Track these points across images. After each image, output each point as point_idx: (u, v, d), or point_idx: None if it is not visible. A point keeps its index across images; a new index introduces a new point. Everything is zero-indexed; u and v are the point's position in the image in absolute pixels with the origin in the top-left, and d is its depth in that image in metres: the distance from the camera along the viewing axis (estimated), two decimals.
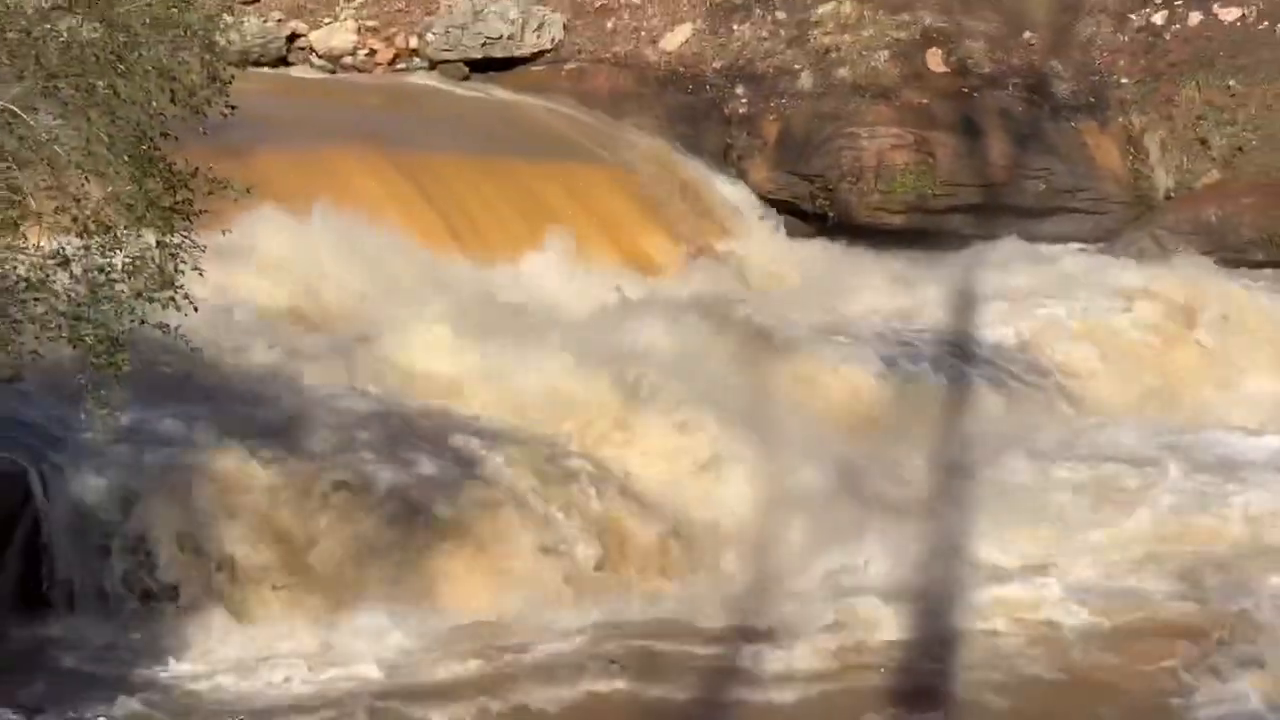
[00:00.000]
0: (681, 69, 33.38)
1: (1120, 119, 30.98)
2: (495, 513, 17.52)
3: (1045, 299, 26.08)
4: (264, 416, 18.01)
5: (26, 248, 11.65)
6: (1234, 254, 28.01)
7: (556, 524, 17.75)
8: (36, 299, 11.68)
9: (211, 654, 15.38)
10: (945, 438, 21.76)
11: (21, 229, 11.54)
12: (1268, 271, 27.28)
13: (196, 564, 16.22)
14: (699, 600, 17.11)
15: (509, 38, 34.51)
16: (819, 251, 29.27)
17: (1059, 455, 21.57)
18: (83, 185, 12.25)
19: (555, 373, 20.73)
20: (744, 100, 32.02)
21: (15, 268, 11.53)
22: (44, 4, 12.46)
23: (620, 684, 15.30)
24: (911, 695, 15.22)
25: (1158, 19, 32.35)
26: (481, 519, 17.41)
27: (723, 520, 18.82)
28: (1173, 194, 30.10)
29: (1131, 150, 30.73)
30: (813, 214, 30.18)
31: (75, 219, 12.01)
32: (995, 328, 24.95)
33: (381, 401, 19.21)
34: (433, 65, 34.97)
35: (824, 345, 23.81)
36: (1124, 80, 31.51)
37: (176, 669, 15.20)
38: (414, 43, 35.56)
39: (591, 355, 21.39)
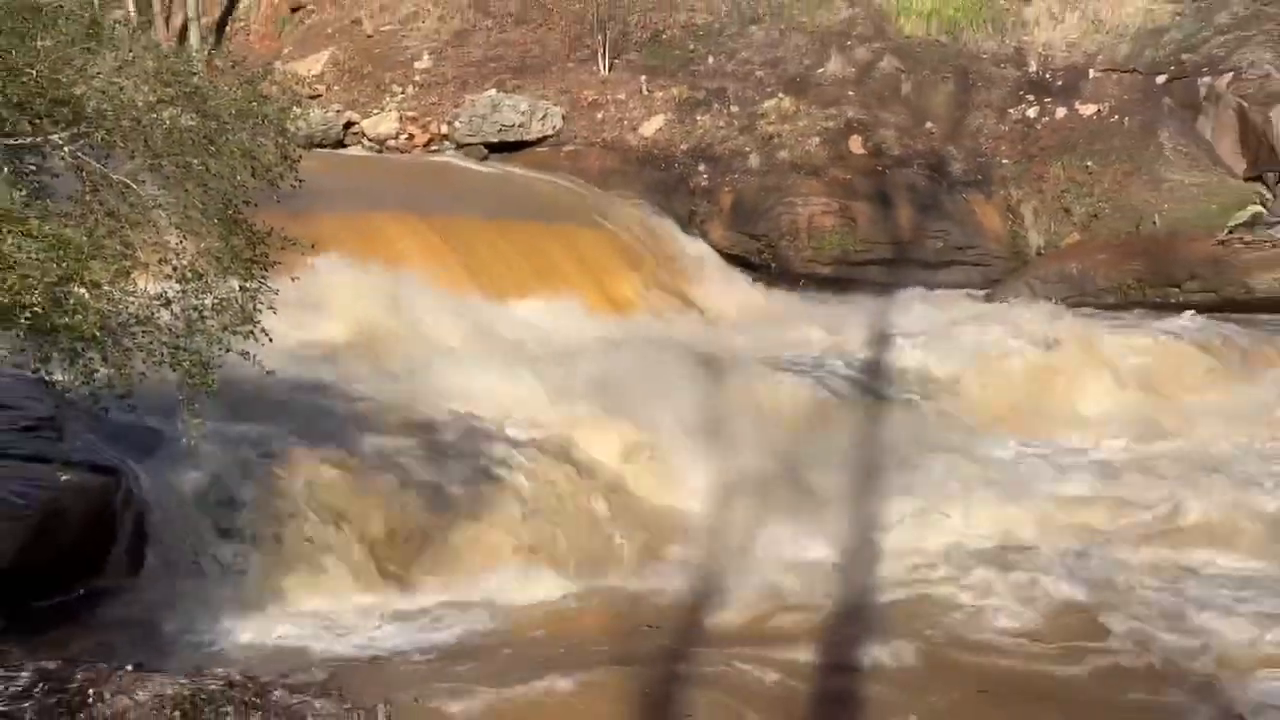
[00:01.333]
0: (656, 151, 33.43)
1: (1001, 192, 31.18)
2: (505, 499, 17.53)
3: (940, 334, 26.15)
4: (324, 425, 18.01)
5: (136, 291, 11.60)
6: (1090, 299, 28.16)
7: (552, 508, 17.77)
8: (144, 332, 11.63)
9: (282, 612, 15.34)
10: (861, 439, 21.80)
11: (132, 276, 11.50)
12: (1117, 312, 27.30)
13: (270, 539, 16.20)
14: (664, 568, 17.12)
15: (519, 126, 34.58)
16: (763, 295, 29.33)
17: (949, 454, 21.65)
18: (180, 242, 12.21)
19: (550, 389, 20.81)
20: (705, 176, 32.14)
21: (127, 307, 11.48)
22: (151, 98, 12.40)
23: (603, 636, 15.34)
24: (833, 642, 15.20)
25: (1031, 113, 32.59)
26: (494, 504, 17.42)
27: (682, 504, 18.96)
28: (1042, 251, 30.34)
29: (1010, 216, 30.95)
30: (759, 265, 30.41)
31: (175, 269, 11.97)
32: (901, 355, 25.03)
33: (424, 411, 19.23)
34: (459, 147, 35.03)
35: (767, 367, 23.90)
36: (1004, 161, 31.70)
37: (252, 624, 15.16)
38: (444, 129, 35.60)
39: (580, 374, 21.52)
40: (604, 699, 13.67)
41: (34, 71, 11.21)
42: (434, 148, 35.55)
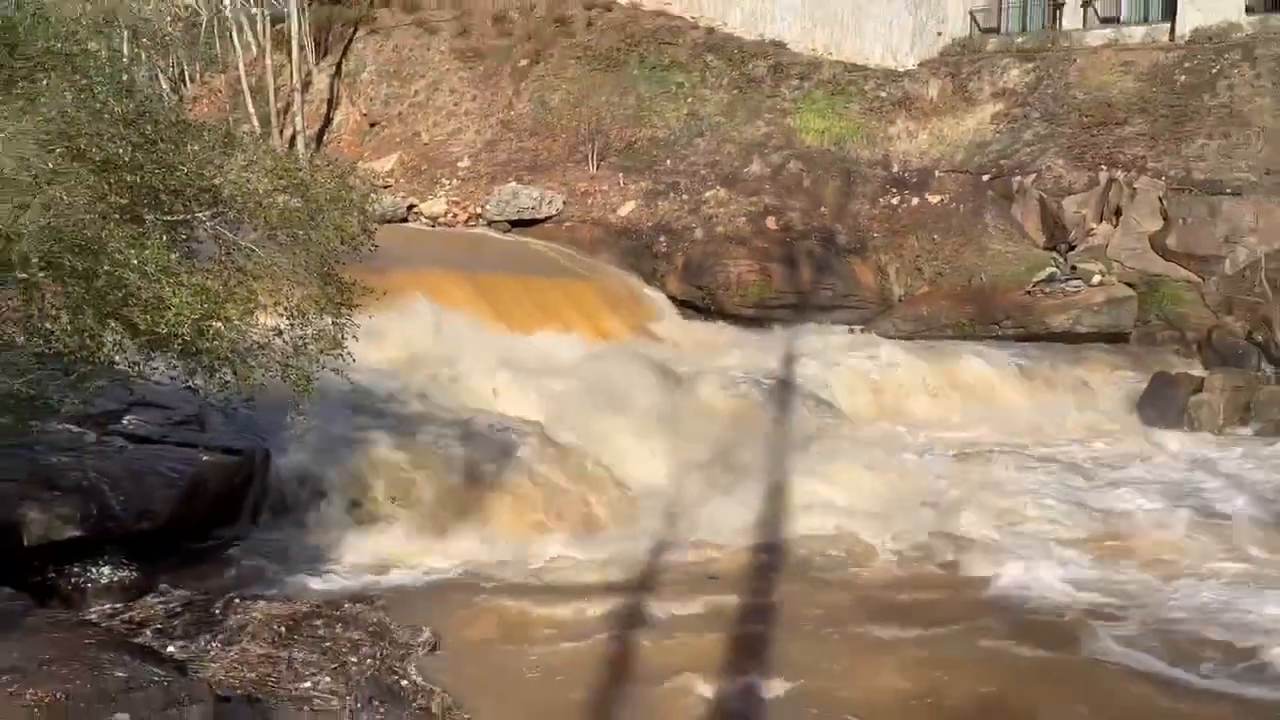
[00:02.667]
0: (629, 227, 33.51)
1: (874, 256, 31.24)
2: (521, 475, 17.52)
3: (828, 357, 26.33)
4: (391, 420, 18.03)
5: (257, 325, 11.59)
6: (936, 332, 28.29)
7: (557, 484, 17.75)
8: (263, 354, 11.61)
9: (357, 555, 15.32)
10: (776, 432, 21.88)
11: (255, 314, 11.47)
12: (954, 342, 27.41)
13: (349, 502, 16.22)
14: (635, 529, 17.05)
15: (532, 208, 34.66)
16: (705, 329, 29.39)
17: (831, 439, 21.79)
18: (289, 290, 12.17)
19: (555, 393, 20.87)
20: (664, 244, 32.18)
21: (251, 336, 11.50)
22: (269, 187, 12.39)
23: (589, 572, 15.34)
24: (755, 566, 15.26)
25: (894, 201, 32.67)
26: (513, 479, 17.40)
27: (650, 480, 18.92)
28: (902, 298, 30.35)
29: (880, 274, 31.00)
30: (702, 308, 30.40)
31: (285, 309, 11.95)
32: (801, 372, 25.19)
33: (463, 411, 19.24)
34: (489, 223, 35.04)
35: (709, 379, 23.96)
36: (876, 234, 31.75)
37: (335, 563, 15.15)
38: (479, 210, 35.61)
39: (577, 384, 21.61)
40: (590, 618, 13.69)
41: (185, 169, 11.22)
42: (471, 224, 35.57)
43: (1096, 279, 28.40)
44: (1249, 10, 33.20)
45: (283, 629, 12.76)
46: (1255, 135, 29.73)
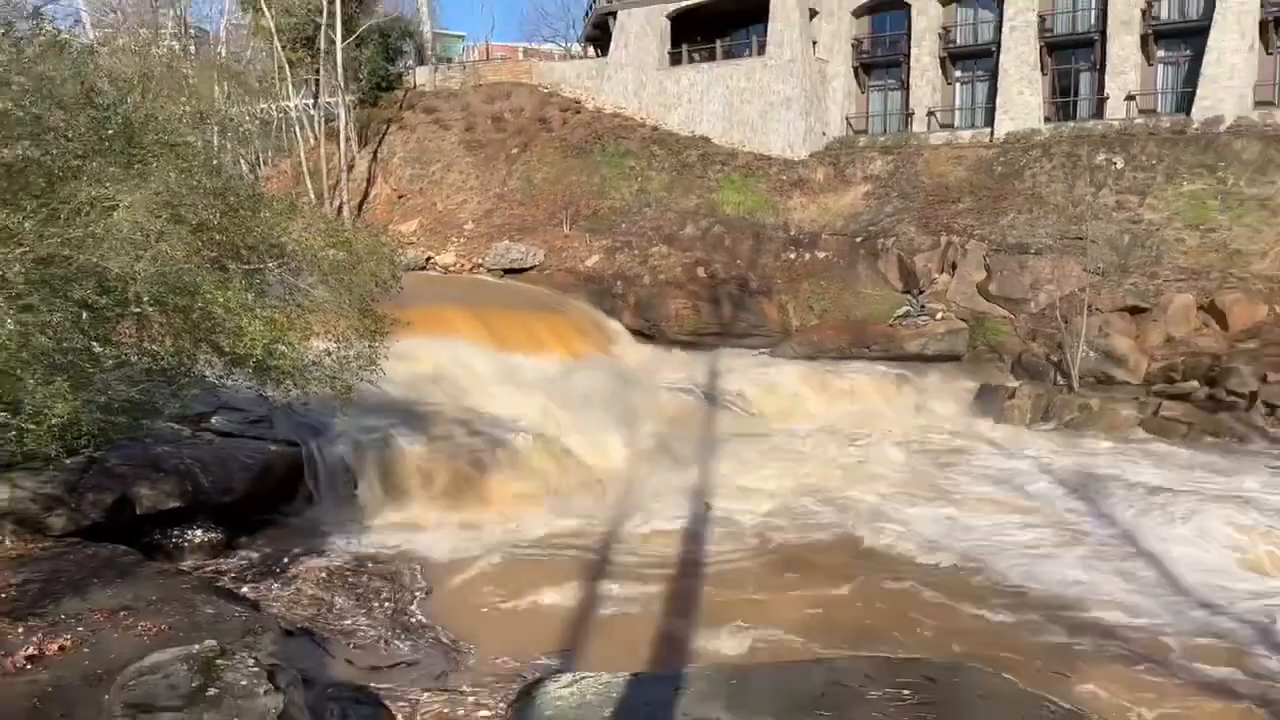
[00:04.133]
0: (594, 274, 33.47)
1: (777, 297, 31.27)
2: (513, 461, 17.48)
3: (744, 372, 26.33)
4: (411, 420, 17.90)
5: (312, 348, 11.55)
6: (824, 354, 28.25)
7: (541, 469, 17.73)
8: (315, 367, 11.56)
9: (386, 525, 15.25)
10: (707, 430, 21.89)
11: (310, 339, 11.44)
12: (837, 362, 27.51)
13: (385, 484, 16.10)
14: (598, 505, 17.02)
15: (520, 259, 34.63)
16: (653, 352, 29.24)
17: (748, 436, 21.85)
18: (337, 320, 12.14)
19: (538, 398, 20.77)
20: (620, 287, 32.14)
21: (307, 355, 11.44)
22: (322, 243, 12.37)
23: (562, 534, 15.34)
24: (692, 536, 15.31)
25: (792, 256, 32.79)
26: (507, 463, 17.35)
27: (610, 465, 18.91)
28: (798, 329, 30.32)
29: (781, 310, 31.02)
30: (650, 335, 30.25)
31: (333, 335, 11.92)
32: (724, 383, 25.19)
33: (467, 412, 19.15)
34: (488, 271, 34.89)
35: (655, 388, 24.00)
36: (778, 280, 31.81)
37: (369, 526, 15.09)
38: (480, 261, 35.46)
39: (555, 391, 21.53)
40: (562, 569, 13.71)
41: (259, 230, 11.20)
42: (475, 271, 35.42)
43: (939, 315, 28.71)
44: (1046, 119, 33.90)
45: (328, 577, 12.76)
46: (1051, 211, 30.26)
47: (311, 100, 41.94)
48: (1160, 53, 32.77)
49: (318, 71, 39.67)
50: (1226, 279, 26.26)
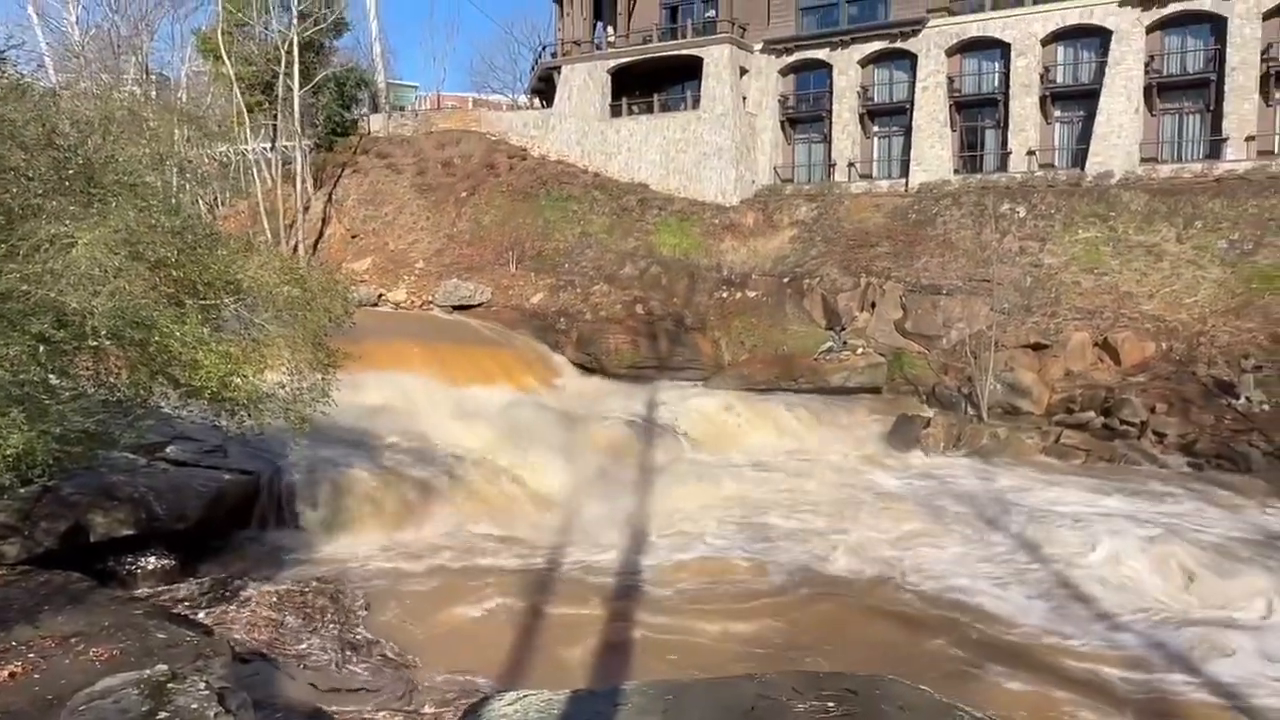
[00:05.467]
0: (539, 310, 33.41)
1: (711, 333, 31.41)
2: (461, 487, 17.28)
3: (679, 403, 26.31)
4: (363, 449, 17.63)
5: (266, 380, 11.34)
6: (754, 386, 28.42)
7: (486, 495, 17.56)
8: (270, 399, 11.35)
9: (337, 547, 14.97)
10: (646, 458, 21.83)
11: (264, 372, 11.23)
12: (766, 394, 27.69)
13: (336, 510, 15.80)
14: (542, 527, 16.93)
15: (469, 296, 34.46)
16: (594, 384, 29.15)
17: (683, 463, 21.82)
18: (291, 354, 11.94)
19: (485, 428, 20.58)
20: (563, 323, 32.09)
21: (262, 387, 11.22)
22: (277, 280, 12.17)
23: (505, 557, 15.17)
24: (629, 553, 15.24)
25: (725, 295, 33.02)
26: (454, 490, 17.15)
27: (552, 492, 18.75)
28: (730, 363, 30.48)
29: (715, 345, 31.15)
30: (591, 368, 30.14)
31: (288, 368, 11.71)
32: (661, 413, 25.14)
33: (417, 441, 18.90)
34: (438, 307, 34.63)
35: (596, 419, 23.85)
36: (712, 317, 32.00)
37: (320, 549, 14.79)
38: (431, 298, 35.22)
39: (501, 421, 21.32)
40: (505, 587, 13.56)
41: (216, 267, 11.00)
42: (425, 308, 35.15)
43: (860, 350, 29.13)
44: (956, 171, 34.83)
45: (279, 600, 12.46)
46: (961, 255, 31.02)
47: (269, 144, 41.43)
48: (1057, 113, 33.95)
49: (276, 117, 39.24)
50: (1118, 318, 27.10)
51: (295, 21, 37.94)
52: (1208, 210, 29.12)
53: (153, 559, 12.86)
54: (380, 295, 35.80)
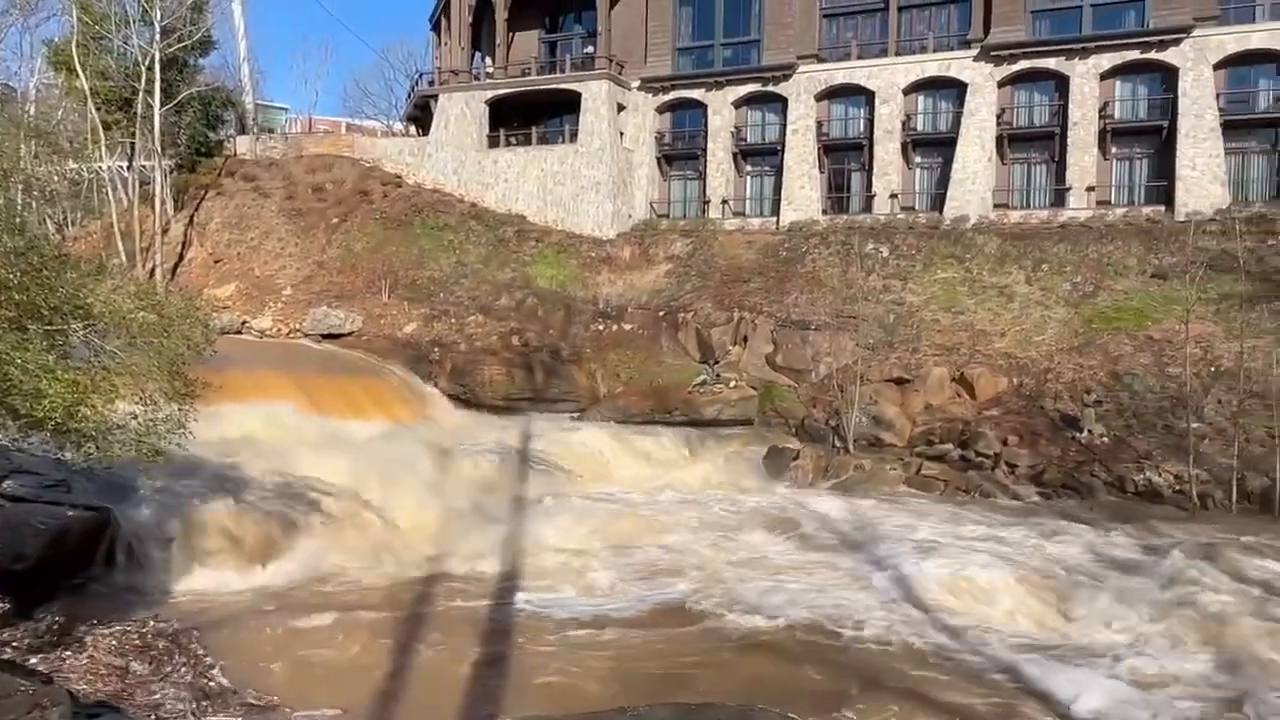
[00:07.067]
0: (412, 341, 32.82)
1: (587, 364, 31.35)
2: (326, 522, 16.73)
3: (554, 436, 26.24)
4: (222, 483, 16.87)
5: (117, 410, 10.79)
6: (630, 419, 28.49)
7: (353, 530, 17.05)
8: (120, 430, 10.80)
9: (191, 584, 14.27)
10: (520, 491, 21.66)
11: (115, 402, 10.68)
12: (641, 427, 27.84)
13: (191, 548, 15.04)
14: (410, 563, 16.54)
15: (339, 325, 33.58)
16: (468, 416, 28.79)
17: (557, 495, 21.71)
18: (145, 383, 11.42)
19: (353, 461, 19.96)
20: (437, 353, 31.56)
21: (112, 418, 10.66)
22: (132, 305, 11.63)
23: (372, 595, 14.74)
24: (501, 586, 15.03)
25: (600, 327, 33.10)
26: (320, 525, 16.59)
27: (425, 524, 18.35)
28: (606, 395, 30.47)
29: (591, 377, 31.13)
30: (465, 400, 29.74)
31: (141, 398, 11.18)
32: (535, 446, 25.01)
33: (281, 475, 18.19)
34: (306, 336, 33.58)
35: (470, 451, 23.54)
36: (588, 349, 31.98)
37: (173, 589, 14.06)
38: (298, 326, 34.13)
39: (370, 454, 20.71)
40: (366, 622, 13.16)
41: (64, 290, 10.42)
42: (293, 336, 34.00)
43: (733, 384, 29.68)
44: (824, 211, 36.18)
45: (120, 645, 11.76)
46: (828, 292, 32.14)
47: (127, 163, 39.48)
48: (918, 158, 35.74)
49: (134, 135, 37.46)
50: (974, 355, 28.54)
51: (158, 37, 36.41)
52: (1053, 254, 31.10)
53: None
54: (244, 322, 34.50)
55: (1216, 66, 31.35)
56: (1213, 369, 25.25)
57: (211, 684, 10.97)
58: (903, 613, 14.10)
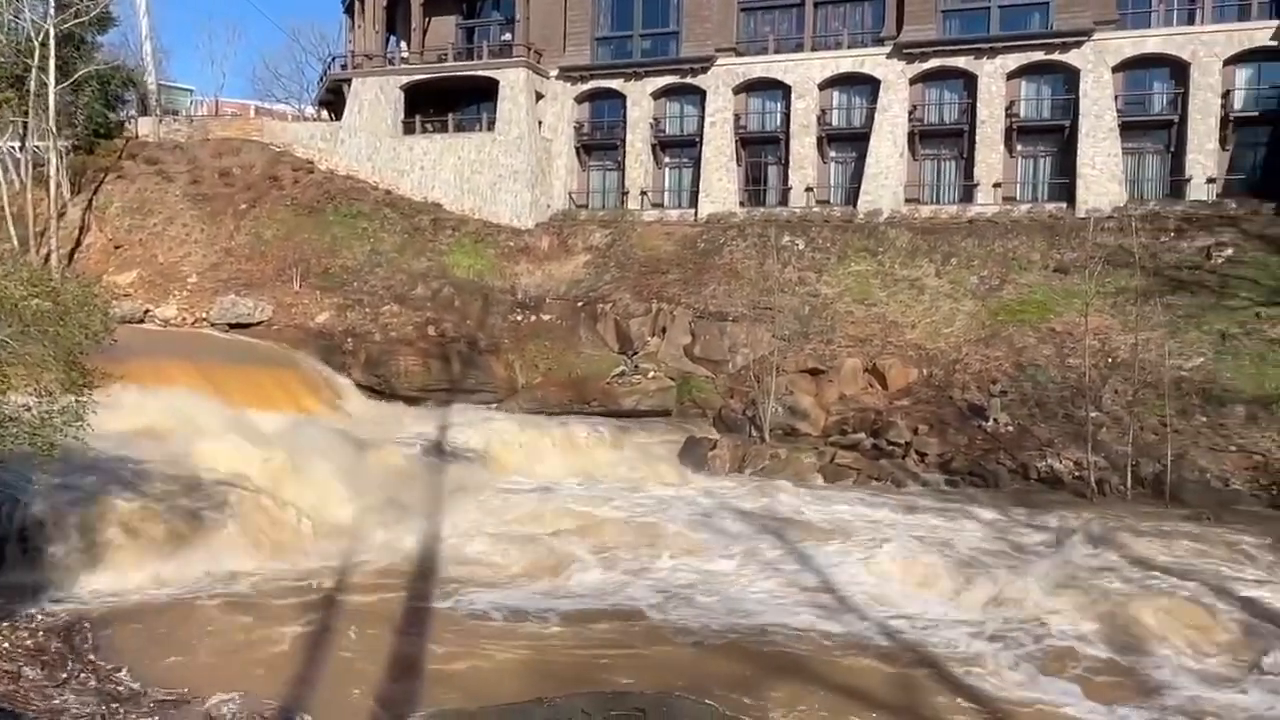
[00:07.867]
0: (324, 330, 32.14)
1: (506, 355, 31.14)
2: (233, 516, 16.24)
3: (473, 426, 26.02)
4: (123, 476, 16.23)
5: (9, 402, 10.31)
6: (548, 409, 28.48)
7: (262, 523, 16.59)
8: (14, 423, 10.33)
9: (91, 581, 13.72)
10: (436, 482, 21.33)
11: (6, 394, 10.20)
12: (560, 417, 27.75)
13: (90, 544, 14.43)
14: (324, 556, 16.18)
15: (248, 314, 32.72)
16: (384, 407, 28.28)
17: (477, 488, 21.47)
18: (39, 373, 10.94)
19: (263, 452, 19.38)
20: (350, 343, 30.94)
21: (3, 410, 10.18)
22: (24, 293, 11.14)
23: (285, 588, 14.38)
24: (417, 580, 14.83)
25: (519, 318, 32.94)
26: (227, 518, 16.10)
27: (336, 519, 17.94)
28: (525, 385, 30.35)
29: (509, 368, 30.91)
30: (380, 391, 29.22)
31: (35, 389, 10.71)
32: (454, 437, 24.81)
33: (186, 467, 17.56)
34: (212, 325, 32.60)
35: (387, 444, 23.13)
36: (506, 340, 31.78)
37: (71, 587, 13.51)
38: (205, 315, 33.10)
39: (280, 447, 20.05)
40: (287, 621, 12.83)
41: None
42: (198, 325, 32.92)
43: (651, 374, 29.85)
44: (741, 204, 36.58)
45: (10, 648, 11.22)
46: (745, 284, 32.51)
47: (19, 143, 37.60)
48: (833, 153, 36.36)
49: (27, 114, 35.68)
50: (886, 346, 29.22)
51: (52, 12, 34.72)
52: (962, 249, 32.01)
53: None
54: (147, 311, 33.29)
55: (1115, 69, 32.65)
56: (1110, 360, 26.35)
57: (120, 688, 10.56)
58: (812, 596, 14.38)
